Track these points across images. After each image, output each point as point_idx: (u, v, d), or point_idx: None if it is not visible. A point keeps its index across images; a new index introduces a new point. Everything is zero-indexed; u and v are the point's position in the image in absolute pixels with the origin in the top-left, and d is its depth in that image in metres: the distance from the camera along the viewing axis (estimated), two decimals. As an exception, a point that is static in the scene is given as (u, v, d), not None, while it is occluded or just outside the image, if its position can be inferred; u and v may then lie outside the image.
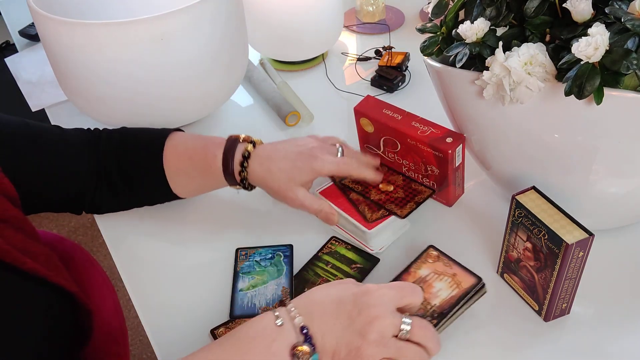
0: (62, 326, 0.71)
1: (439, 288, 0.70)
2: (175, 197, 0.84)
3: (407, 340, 0.59)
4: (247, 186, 0.80)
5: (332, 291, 0.62)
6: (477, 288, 0.69)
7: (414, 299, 0.61)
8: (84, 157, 0.80)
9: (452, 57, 0.68)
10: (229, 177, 0.79)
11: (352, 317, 0.59)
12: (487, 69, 0.64)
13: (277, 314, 0.60)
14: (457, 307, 0.68)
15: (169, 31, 0.85)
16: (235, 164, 0.78)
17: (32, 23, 1.37)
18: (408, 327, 0.59)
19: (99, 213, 0.86)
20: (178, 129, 0.85)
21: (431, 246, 0.75)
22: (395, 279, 0.72)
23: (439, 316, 0.67)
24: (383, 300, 0.59)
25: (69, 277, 0.75)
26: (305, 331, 0.58)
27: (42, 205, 0.80)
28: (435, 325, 0.67)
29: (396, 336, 0.59)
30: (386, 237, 0.80)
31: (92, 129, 0.85)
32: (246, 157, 0.78)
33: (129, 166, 0.81)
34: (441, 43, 0.72)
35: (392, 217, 0.79)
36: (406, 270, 0.73)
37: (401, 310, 0.61)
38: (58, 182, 0.79)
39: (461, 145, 0.78)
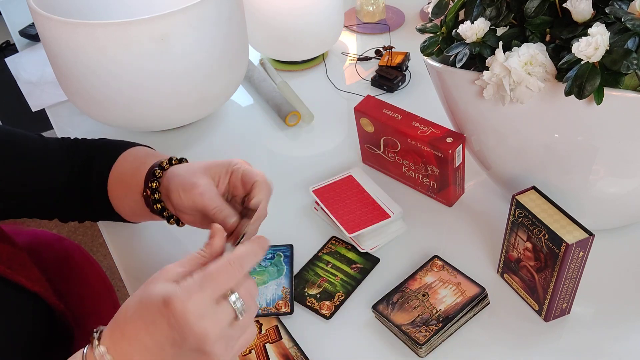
0: (29, 324, 0.71)
1: (444, 295, 0.71)
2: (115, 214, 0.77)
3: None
4: (157, 194, 0.69)
5: (144, 321, 0.51)
6: (481, 297, 0.70)
7: (228, 282, 0.52)
8: (63, 168, 0.77)
9: (452, 57, 0.68)
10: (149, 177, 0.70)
11: (178, 342, 0.50)
12: (487, 69, 0.64)
13: None
14: (462, 313, 0.69)
15: (169, 31, 0.85)
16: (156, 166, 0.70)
17: (32, 23, 1.37)
18: (240, 303, 0.52)
19: (81, 221, 0.82)
20: (146, 146, 0.80)
21: (436, 256, 0.76)
22: (400, 285, 0.73)
23: (445, 320, 0.68)
24: (199, 311, 0.49)
25: (38, 276, 0.75)
26: None
27: (22, 212, 0.77)
28: (440, 329, 0.67)
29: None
30: (377, 239, 0.80)
31: (78, 138, 0.82)
32: (165, 164, 0.70)
33: (83, 176, 0.77)
34: (441, 43, 0.72)
35: (383, 221, 0.79)
36: (412, 276, 0.74)
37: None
38: (36, 192, 0.76)
39: (461, 145, 0.78)
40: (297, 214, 0.87)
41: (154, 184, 0.68)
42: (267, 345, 0.70)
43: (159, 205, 0.69)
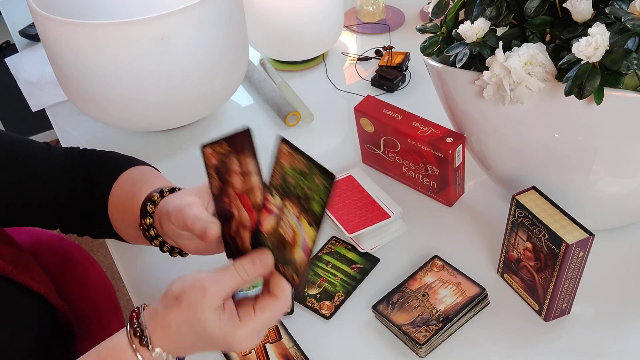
0: (35, 323, 0.71)
1: (444, 295, 0.71)
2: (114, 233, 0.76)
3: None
4: (153, 230, 0.67)
5: (201, 341, 0.56)
6: (481, 297, 0.70)
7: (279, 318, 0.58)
8: (64, 179, 0.75)
9: (452, 57, 0.68)
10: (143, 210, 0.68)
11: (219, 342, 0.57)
12: (487, 69, 0.64)
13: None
14: (462, 313, 0.69)
15: (169, 31, 0.85)
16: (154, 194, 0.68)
17: (32, 23, 1.37)
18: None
19: (80, 236, 0.80)
20: (149, 165, 0.78)
21: (436, 256, 0.76)
22: (400, 285, 0.73)
23: (445, 320, 0.68)
24: (254, 342, 0.57)
25: (43, 278, 0.75)
26: None
27: (24, 221, 0.76)
28: (440, 329, 0.67)
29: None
30: (377, 239, 0.80)
31: (79, 148, 0.79)
32: (157, 198, 0.67)
33: (90, 189, 0.75)
34: (441, 43, 0.72)
35: (383, 221, 0.79)
36: (412, 276, 0.74)
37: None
38: (35, 201, 0.74)
39: (461, 145, 0.78)
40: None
41: (148, 220, 0.66)
42: (267, 345, 0.70)
43: (157, 242, 0.68)
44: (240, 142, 0.56)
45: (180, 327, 0.55)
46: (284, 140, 0.53)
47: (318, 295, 0.75)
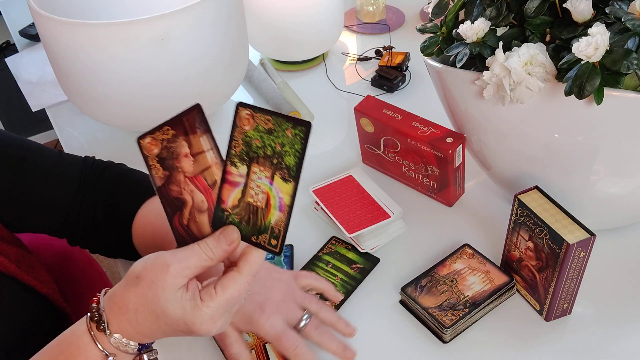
0: (36, 323, 0.71)
1: (473, 282, 0.72)
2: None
3: None
4: None
5: (159, 323, 0.53)
6: (509, 286, 0.71)
7: (244, 296, 0.54)
8: (72, 190, 0.74)
9: (453, 57, 0.68)
10: None
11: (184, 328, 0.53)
12: (487, 69, 0.64)
13: (105, 352, 0.52)
14: (489, 300, 0.69)
15: (169, 31, 0.85)
16: None
17: (32, 23, 1.37)
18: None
19: (91, 251, 0.79)
20: None
21: (466, 244, 0.76)
22: (429, 271, 0.74)
23: (471, 306, 0.69)
24: (217, 327, 0.53)
25: (47, 279, 0.75)
26: (141, 348, 0.54)
27: (28, 228, 0.75)
28: (467, 314, 0.68)
29: None
30: (377, 239, 0.80)
31: (95, 159, 0.78)
32: None
33: (116, 209, 0.74)
34: (441, 43, 0.72)
35: (383, 221, 0.79)
36: (441, 263, 0.75)
37: None
38: (40, 210, 0.73)
39: (461, 145, 0.78)
40: (297, 214, 0.87)
41: None
42: (267, 345, 0.70)
43: None
44: (190, 122, 0.53)
45: (139, 308, 0.51)
46: (243, 104, 0.50)
47: (318, 296, 0.75)
